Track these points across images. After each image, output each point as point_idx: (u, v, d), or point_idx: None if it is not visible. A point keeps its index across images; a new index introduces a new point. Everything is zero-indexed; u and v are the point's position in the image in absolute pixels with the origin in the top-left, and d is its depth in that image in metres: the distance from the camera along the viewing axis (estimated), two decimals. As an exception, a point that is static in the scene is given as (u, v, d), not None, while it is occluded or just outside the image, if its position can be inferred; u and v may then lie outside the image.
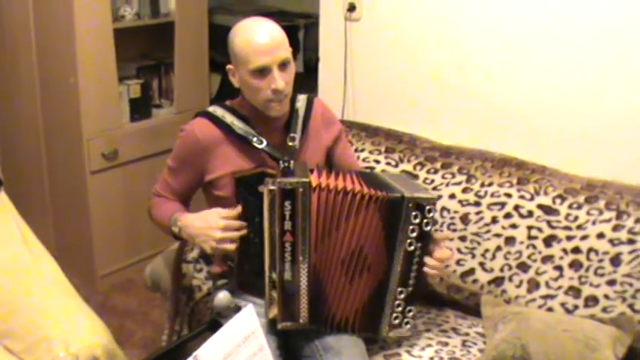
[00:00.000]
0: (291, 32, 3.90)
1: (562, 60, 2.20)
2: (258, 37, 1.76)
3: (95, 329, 1.80)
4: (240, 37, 1.79)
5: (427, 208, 1.77)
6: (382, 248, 1.80)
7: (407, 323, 1.87)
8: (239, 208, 1.77)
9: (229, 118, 1.89)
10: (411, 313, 1.87)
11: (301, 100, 1.99)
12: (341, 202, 1.75)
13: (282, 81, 1.77)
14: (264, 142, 1.86)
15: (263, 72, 1.77)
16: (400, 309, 1.85)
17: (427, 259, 1.81)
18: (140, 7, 3.19)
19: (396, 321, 1.87)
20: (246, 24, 1.82)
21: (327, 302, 1.80)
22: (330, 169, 1.93)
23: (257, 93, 1.81)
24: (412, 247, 1.79)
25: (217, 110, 1.91)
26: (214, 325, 1.57)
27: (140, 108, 3.27)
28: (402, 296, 1.83)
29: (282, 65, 1.79)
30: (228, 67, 1.87)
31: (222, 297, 1.71)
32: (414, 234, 1.79)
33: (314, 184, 1.72)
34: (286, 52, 1.80)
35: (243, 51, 1.78)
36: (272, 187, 1.68)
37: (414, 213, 1.77)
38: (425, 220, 1.78)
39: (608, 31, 2.10)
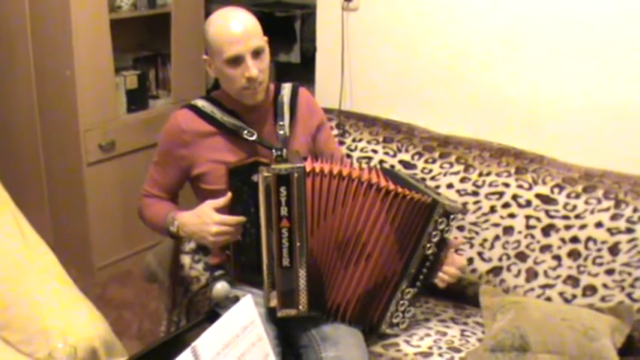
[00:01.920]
0: (288, 23, 3.90)
1: (561, 51, 2.19)
2: (231, 27, 1.77)
3: (93, 321, 1.80)
4: (214, 28, 1.80)
5: (452, 216, 1.80)
6: (393, 245, 1.80)
7: (403, 323, 1.90)
8: (229, 195, 1.76)
9: (219, 114, 1.89)
10: (409, 314, 1.89)
11: (286, 88, 2.00)
12: (337, 187, 1.75)
13: (255, 69, 1.78)
14: (255, 135, 1.86)
15: (237, 61, 1.78)
16: (403, 308, 1.87)
17: (445, 267, 1.84)
18: (136, -3, 3.18)
19: (396, 320, 1.88)
20: (219, 14, 1.82)
21: (324, 288, 1.80)
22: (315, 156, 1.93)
23: (232, 82, 1.82)
24: (430, 251, 1.82)
25: (206, 106, 1.91)
26: (213, 316, 1.57)
27: (137, 99, 3.26)
28: (409, 296, 1.86)
29: (256, 54, 1.79)
30: (204, 57, 1.88)
31: (220, 288, 1.71)
32: (436, 239, 1.81)
33: (308, 169, 1.72)
34: (259, 40, 1.81)
35: (217, 41, 1.79)
36: (266, 174, 1.69)
37: (440, 219, 1.80)
38: (447, 228, 1.81)
39: (607, 23, 2.09)
